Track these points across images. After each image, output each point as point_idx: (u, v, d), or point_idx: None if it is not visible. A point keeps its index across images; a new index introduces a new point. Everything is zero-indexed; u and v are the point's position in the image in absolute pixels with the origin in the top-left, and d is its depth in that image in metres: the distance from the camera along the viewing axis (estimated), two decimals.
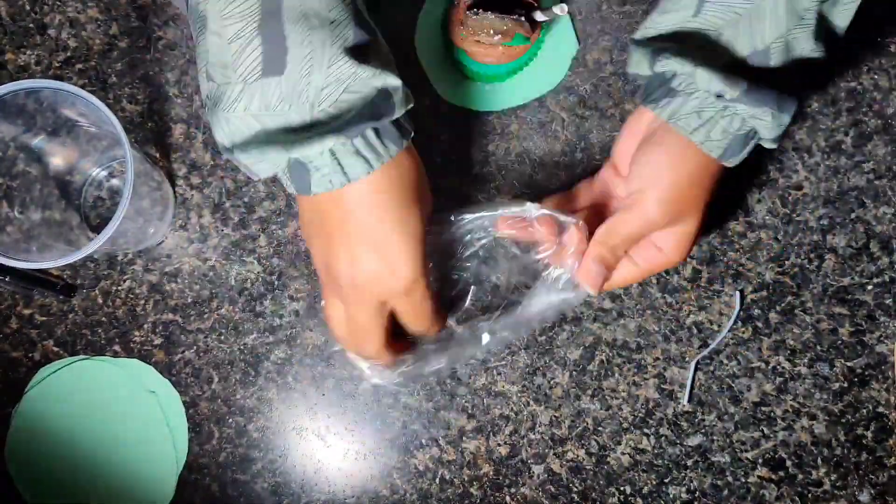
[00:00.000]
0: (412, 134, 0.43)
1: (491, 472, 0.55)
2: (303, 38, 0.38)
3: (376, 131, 0.40)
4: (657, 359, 0.55)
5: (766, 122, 0.42)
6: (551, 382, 0.55)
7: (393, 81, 0.40)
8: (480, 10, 0.47)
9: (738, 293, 0.55)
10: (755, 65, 0.43)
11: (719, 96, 0.42)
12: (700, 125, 0.44)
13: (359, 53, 0.39)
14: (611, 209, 0.50)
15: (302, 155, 0.39)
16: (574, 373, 0.55)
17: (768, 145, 0.44)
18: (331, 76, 0.38)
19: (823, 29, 0.43)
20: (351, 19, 0.39)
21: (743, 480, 0.54)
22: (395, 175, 0.41)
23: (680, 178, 0.45)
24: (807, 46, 0.43)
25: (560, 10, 0.46)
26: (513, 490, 0.54)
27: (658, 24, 0.45)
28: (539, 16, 0.48)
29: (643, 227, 0.46)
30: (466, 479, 0.55)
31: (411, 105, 0.41)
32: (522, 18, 0.47)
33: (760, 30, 0.42)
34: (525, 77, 0.55)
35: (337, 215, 0.42)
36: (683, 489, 0.54)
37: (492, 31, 0.47)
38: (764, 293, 0.55)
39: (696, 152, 0.45)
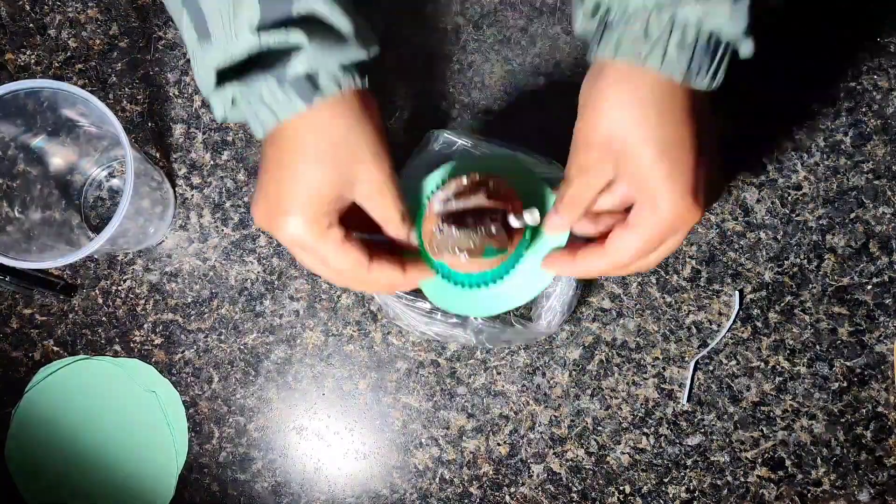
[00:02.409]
0: (336, 88, 0.40)
1: (490, 472, 0.55)
2: (213, 10, 0.39)
3: (278, 82, 0.39)
4: (656, 358, 0.55)
5: (723, 14, 0.36)
6: (551, 382, 0.55)
7: (299, 40, 0.39)
8: (446, 226, 0.43)
9: (737, 293, 0.55)
10: None
11: (659, 6, 0.37)
12: (651, 49, 0.38)
13: (267, 26, 0.39)
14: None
15: (227, 96, 0.40)
16: (573, 372, 0.55)
17: (744, 51, 0.38)
18: (240, 42, 0.39)
19: None
20: None
21: (742, 480, 0.54)
22: (318, 124, 0.40)
23: (622, 112, 0.39)
24: None
25: (531, 218, 0.43)
26: (512, 489, 0.54)
27: None
28: (514, 221, 0.44)
29: (582, 180, 0.41)
30: (466, 478, 0.55)
31: (324, 61, 0.40)
32: (493, 229, 0.43)
33: None
34: (516, 279, 0.49)
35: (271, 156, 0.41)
36: (683, 488, 0.54)
37: (457, 250, 0.43)
38: (763, 293, 0.55)
39: (649, 82, 0.38)
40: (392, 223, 0.43)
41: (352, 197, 0.41)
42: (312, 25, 0.40)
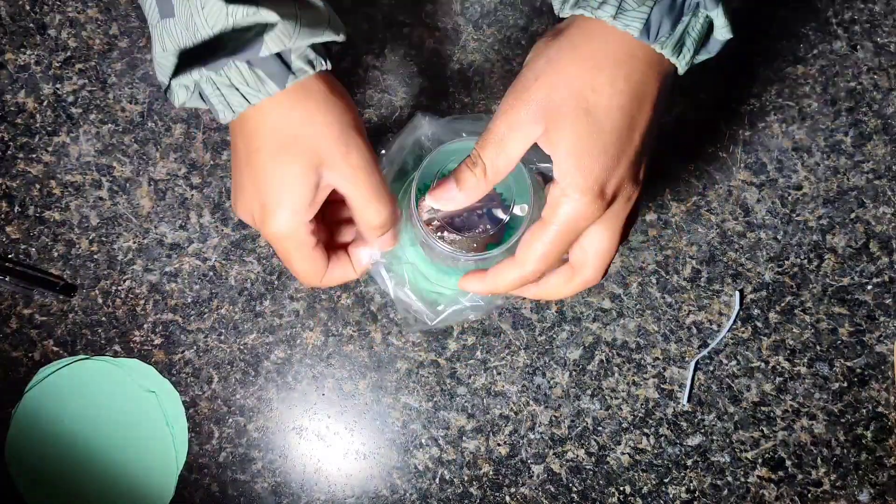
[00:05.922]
0: (309, 70, 0.40)
1: (490, 472, 0.55)
2: None
3: (249, 64, 0.39)
4: (657, 359, 0.55)
5: None
6: (551, 382, 0.55)
7: (270, 17, 0.38)
8: (445, 235, 0.46)
9: (737, 293, 0.55)
10: None
11: None
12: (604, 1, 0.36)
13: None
14: None
15: (190, 81, 0.39)
16: (574, 373, 0.55)
17: (718, 23, 0.37)
18: (207, 17, 0.38)
19: None
20: None
21: (742, 480, 0.54)
22: (290, 108, 0.39)
23: (557, 73, 0.37)
24: None
25: (520, 210, 0.46)
26: (512, 490, 0.54)
27: None
28: (500, 213, 0.48)
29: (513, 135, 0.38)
30: (466, 478, 0.55)
31: (295, 41, 0.39)
32: (489, 228, 0.47)
33: None
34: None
35: (242, 147, 0.41)
36: (683, 489, 0.54)
37: (460, 256, 0.46)
38: (763, 293, 0.55)
39: (599, 37, 0.37)
40: (367, 210, 0.41)
41: (331, 182, 0.40)
42: (282, 6, 0.39)
